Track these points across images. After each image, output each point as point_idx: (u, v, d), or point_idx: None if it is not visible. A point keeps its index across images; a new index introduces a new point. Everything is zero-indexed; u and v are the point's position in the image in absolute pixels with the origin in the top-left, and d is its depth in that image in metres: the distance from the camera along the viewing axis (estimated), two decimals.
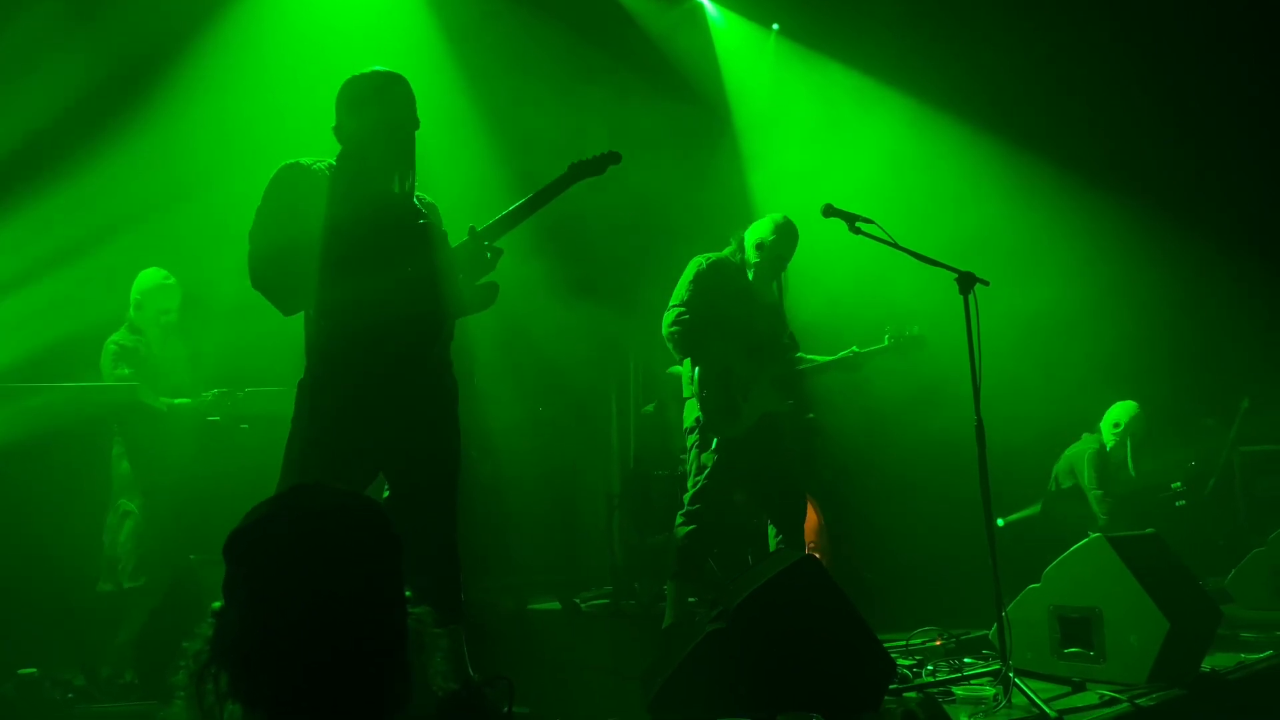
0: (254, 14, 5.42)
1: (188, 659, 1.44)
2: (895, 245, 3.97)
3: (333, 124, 3.18)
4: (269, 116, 4.98)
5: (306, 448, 3.04)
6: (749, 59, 7.72)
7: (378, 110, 3.12)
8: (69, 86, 4.82)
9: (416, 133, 3.21)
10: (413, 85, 3.23)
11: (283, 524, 1.45)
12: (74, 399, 4.31)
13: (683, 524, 4.54)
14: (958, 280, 3.81)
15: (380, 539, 1.49)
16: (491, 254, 3.29)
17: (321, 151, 3.21)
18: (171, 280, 4.82)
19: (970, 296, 3.78)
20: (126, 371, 4.62)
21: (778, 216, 4.72)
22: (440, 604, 1.81)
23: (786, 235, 4.68)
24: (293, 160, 3.14)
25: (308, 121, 3.87)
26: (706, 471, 4.53)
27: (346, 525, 1.47)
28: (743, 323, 4.66)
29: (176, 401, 4.60)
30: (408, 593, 1.51)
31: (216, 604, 1.44)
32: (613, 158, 3.51)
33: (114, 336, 4.78)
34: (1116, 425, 6.12)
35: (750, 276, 4.72)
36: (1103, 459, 6.06)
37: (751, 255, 4.70)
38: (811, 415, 6.48)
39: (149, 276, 4.81)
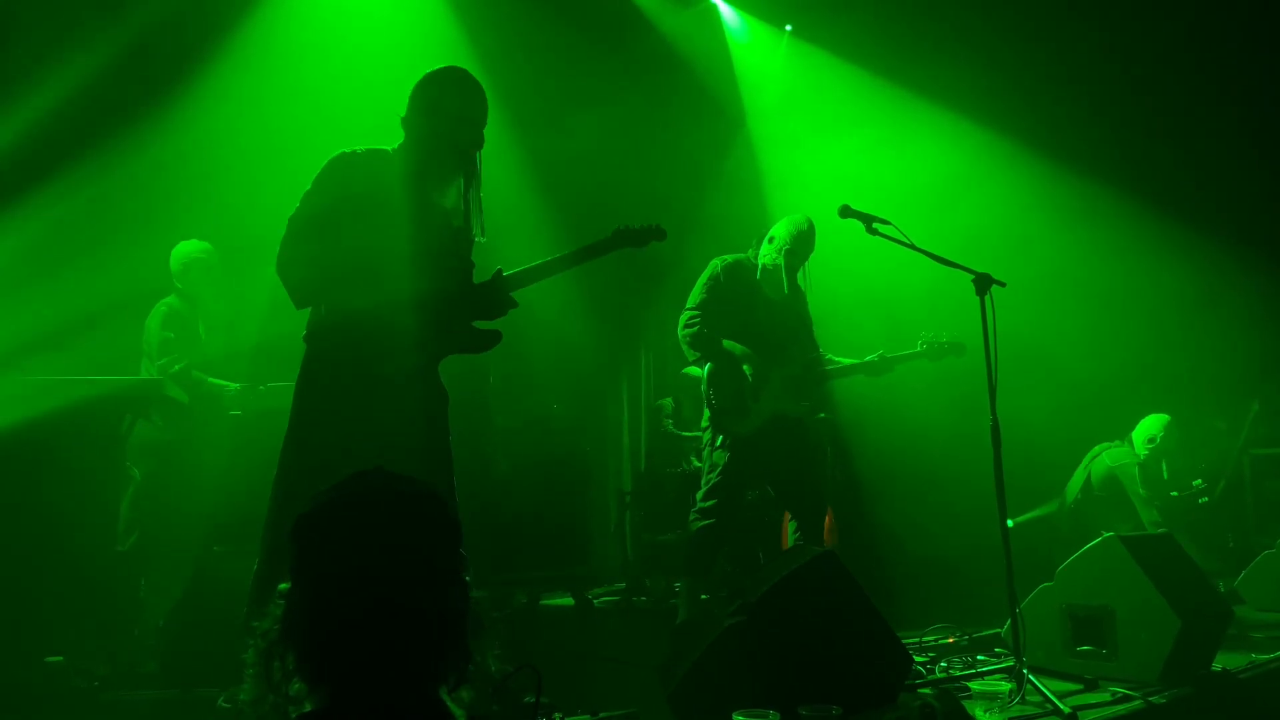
0: (287, 9, 5.49)
1: (256, 637, 1.48)
2: (912, 246, 3.98)
3: (400, 113, 3.12)
4: (300, 107, 5.03)
5: (300, 448, 3.03)
6: (762, 60, 7.75)
7: (454, 122, 3.07)
8: (98, 73, 4.89)
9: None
10: None
11: (346, 509, 1.49)
12: (100, 392, 4.35)
13: (696, 520, 4.59)
14: (974, 281, 3.83)
15: (440, 524, 1.53)
16: (508, 304, 3.27)
17: (364, 140, 3.15)
18: (209, 246, 4.93)
19: (987, 298, 3.81)
20: (173, 335, 4.71)
21: (798, 218, 4.72)
22: None
23: (803, 237, 4.68)
24: (348, 149, 3.08)
25: (337, 114, 3.90)
26: (718, 469, 4.58)
27: (407, 511, 1.51)
28: (756, 325, 4.68)
29: (210, 380, 4.63)
30: (466, 577, 1.55)
31: (284, 585, 1.49)
32: (657, 233, 3.44)
33: (166, 300, 4.86)
34: (1151, 441, 6.10)
35: (768, 278, 4.73)
36: (1146, 472, 6.05)
37: (768, 257, 4.71)
38: (823, 415, 6.51)
39: (187, 245, 4.92)
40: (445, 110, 3.08)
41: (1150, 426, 6.14)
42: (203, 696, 3.66)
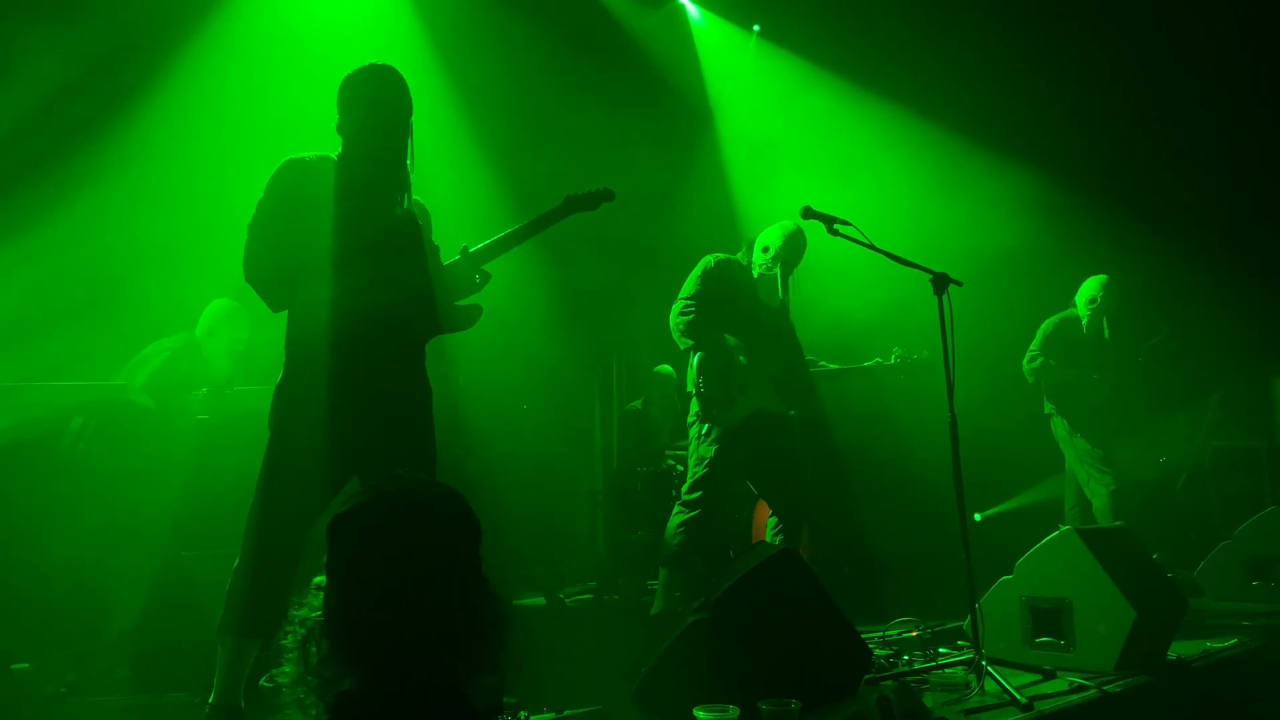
0: (249, 13, 5.48)
1: (294, 625, 1.60)
2: (872, 247, 4.04)
3: (335, 123, 3.18)
4: (264, 112, 5.02)
5: (283, 451, 3.06)
6: (730, 61, 7.80)
7: (368, 108, 3.12)
8: (56, 82, 4.86)
9: (412, 124, 3.19)
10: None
11: (379, 509, 1.59)
12: (64, 398, 4.34)
13: (680, 511, 4.64)
14: (932, 281, 3.91)
15: (465, 525, 1.63)
16: (480, 277, 3.36)
17: (322, 147, 3.21)
18: (244, 309, 4.86)
19: (944, 297, 3.88)
20: (169, 381, 4.64)
21: (788, 225, 4.78)
22: None
23: (793, 243, 4.75)
24: (296, 155, 3.14)
25: (304, 119, 3.91)
26: (706, 462, 4.64)
27: (435, 512, 1.61)
28: (746, 321, 4.76)
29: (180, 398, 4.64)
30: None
31: (320, 579, 1.60)
32: (607, 195, 3.61)
33: (166, 343, 4.81)
34: (1092, 301, 6.01)
35: (762, 284, 4.81)
36: (1063, 330, 6.02)
37: (759, 261, 4.79)
38: (791, 412, 6.56)
39: (222, 304, 4.87)
40: (360, 98, 3.13)
41: (1090, 287, 6.06)
42: (173, 702, 3.67)
